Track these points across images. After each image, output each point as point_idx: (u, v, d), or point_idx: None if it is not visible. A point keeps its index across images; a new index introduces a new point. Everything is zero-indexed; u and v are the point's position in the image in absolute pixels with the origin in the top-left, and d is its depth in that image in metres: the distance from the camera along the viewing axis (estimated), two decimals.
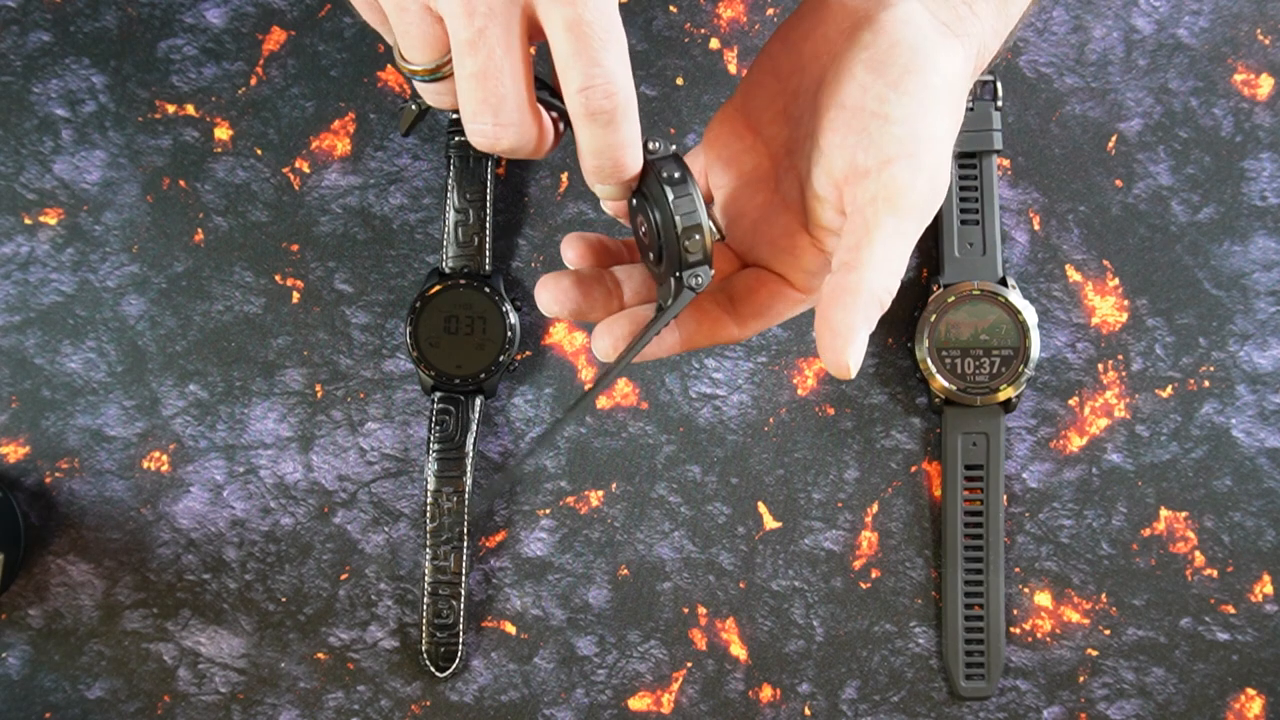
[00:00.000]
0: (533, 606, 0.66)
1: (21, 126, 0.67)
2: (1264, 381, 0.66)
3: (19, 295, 0.67)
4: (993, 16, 0.45)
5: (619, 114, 0.40)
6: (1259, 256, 0.66)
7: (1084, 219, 0.66)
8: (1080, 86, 0.66)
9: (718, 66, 0.67)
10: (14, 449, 0.67)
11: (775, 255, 0.47)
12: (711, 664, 0.66)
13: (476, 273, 0.65)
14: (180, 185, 0.67)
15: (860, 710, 0.66)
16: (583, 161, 0.42)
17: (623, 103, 0.40)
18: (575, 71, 0.40)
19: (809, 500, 0.66)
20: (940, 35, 0.44)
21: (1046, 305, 0.66)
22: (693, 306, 0.47)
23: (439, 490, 0.65)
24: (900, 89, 0.43)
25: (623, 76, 0.40)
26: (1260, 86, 0.66)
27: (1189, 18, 0.66)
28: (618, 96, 0.40)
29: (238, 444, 0.67)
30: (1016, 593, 0.66)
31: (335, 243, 0.67)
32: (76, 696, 0.66)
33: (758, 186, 0.48)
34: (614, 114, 0.40)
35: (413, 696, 0.66)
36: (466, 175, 0.65)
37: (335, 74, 0.67)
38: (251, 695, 0.66)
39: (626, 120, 0.41)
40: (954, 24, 0.44)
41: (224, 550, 0.67)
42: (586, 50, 0.39)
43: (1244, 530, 0.66)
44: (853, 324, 0.43)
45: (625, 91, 0.40)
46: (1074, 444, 0.66)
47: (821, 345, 0.43)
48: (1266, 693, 0.66)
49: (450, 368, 0.65)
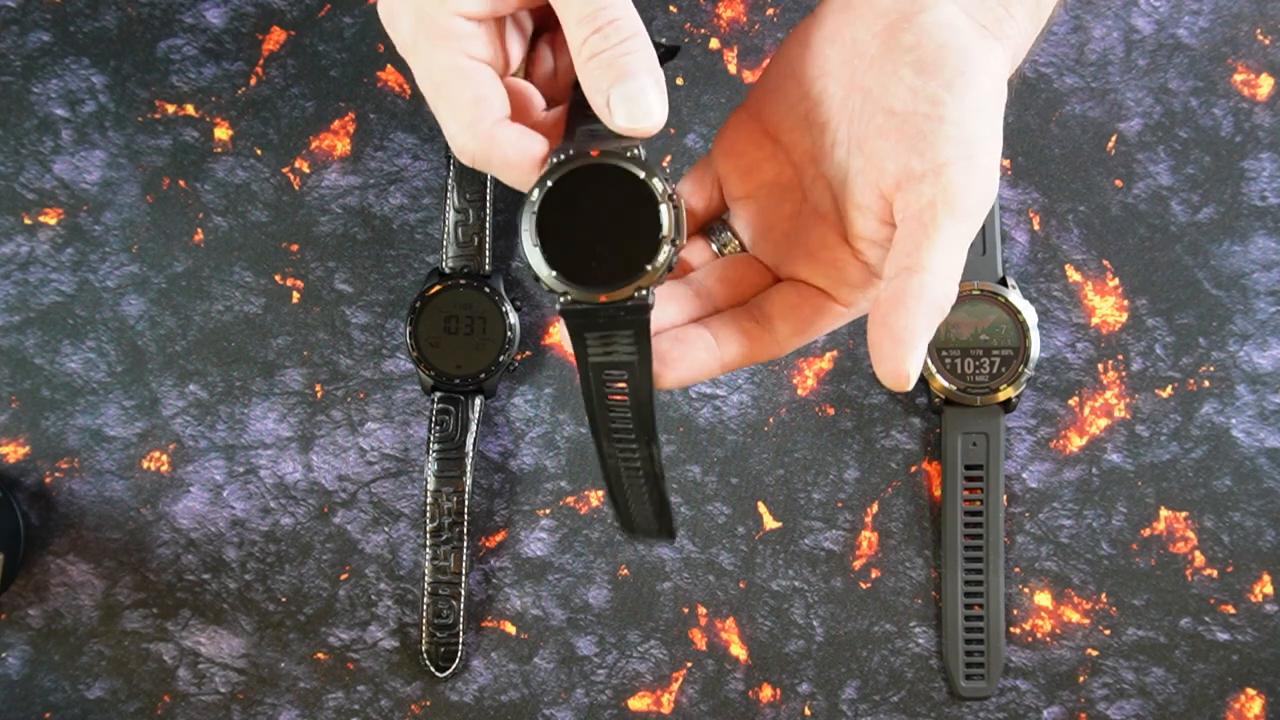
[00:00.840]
0: (533, 606, 0.67)
1: (21, 126, 0.67)
2: (1264, 381, 0.66)
3: (19, 295, 0.67)
4: (1027, 19, 0.45)
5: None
6: (1259, 256, 0.66)
7: (1084, 219, 0.66)
8: (1080, 86, 0.66)
9: (718, 66, 0.67)
10: (14, 449, 0.67)
11: (815, 268, 0.45)
12: (711, 664, 0.66)
13: (476, 273, 0.65)
14: (180, 185, 0.67)
15: (860, 710, 0.66)
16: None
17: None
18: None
19: (809, 500, 0.66)
20: (982, 37, 0.43)
21: (1046, 305, 0.66)
22: (733, 327, 0.45)
23: (439, 490, 0.65)
24: (954, 91, 0.42)
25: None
26: (1260, 86, 0.66)
27: (1189, 18, 0.66)
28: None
29: (238, 444, 0.67)
30: (1016, 593, 0.66)
31: (335, 243, 0.67)
32: (76, 696, 0.66)
33: (783, 196, 0.46)
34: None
35: (413, 696, 0.66)
36: (466, 175, 0.65)
37: (335, 74, 0.67)
38: (251, 695, 0.66)
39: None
40: (993, 26, 0.44)
41: (224, 550, 0.67)
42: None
43: (1244, 530, 0.66)
44: (915, 329, 0.41)
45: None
46: (1074, 444, 0.66)
47: (879, 354, 0.41)
48: (1266, 693, 0.66)
49: (450, 368, 0.65)
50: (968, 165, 0.41)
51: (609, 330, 0.41)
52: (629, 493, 0.45)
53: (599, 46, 0.41)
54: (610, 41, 0.41)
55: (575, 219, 0.41)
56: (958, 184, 0.41)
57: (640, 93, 0.41)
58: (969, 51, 0.42)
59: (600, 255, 0.41)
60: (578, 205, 0.41)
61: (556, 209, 0.41)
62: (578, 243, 0.41)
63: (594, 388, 0.42)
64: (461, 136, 0.42)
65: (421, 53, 0.42)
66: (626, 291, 0.40)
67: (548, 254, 0.41)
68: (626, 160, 0.41)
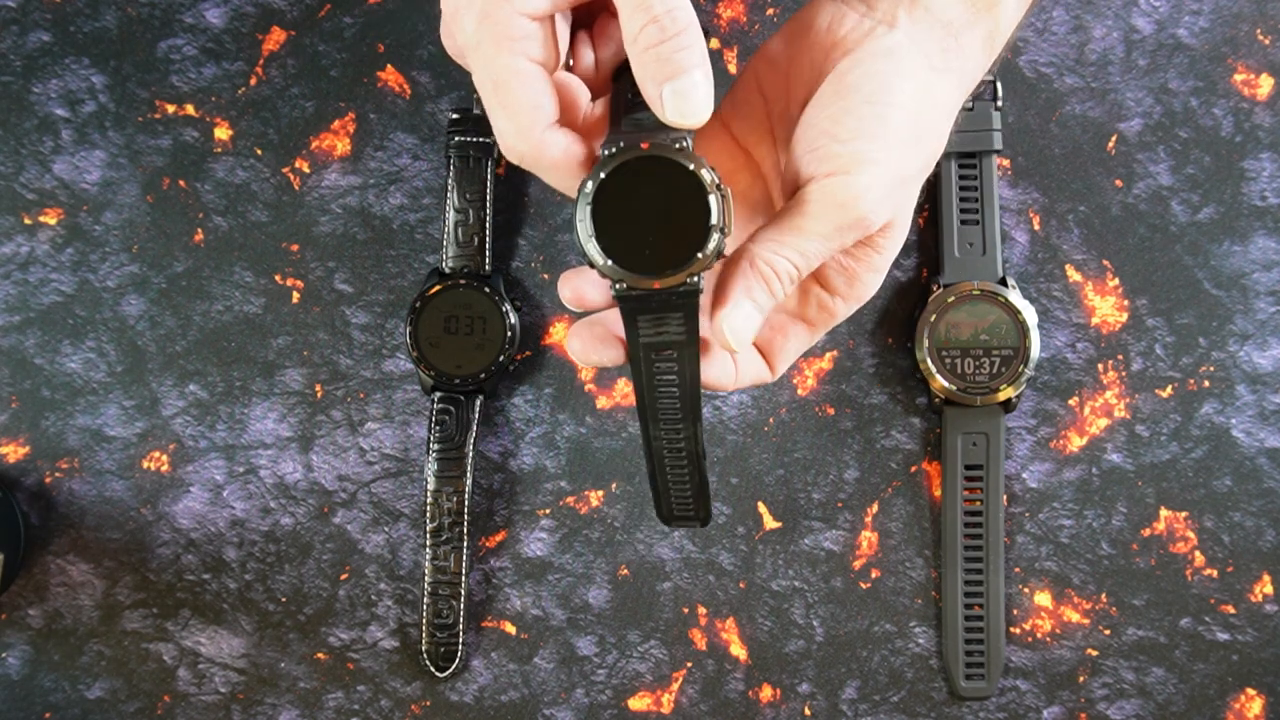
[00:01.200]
0: (533, 606, 0.67)
1: (21, 126, 0.67)
2: (1264, 381, 0.66)
3: (19, 295, 0.67)
4: (979, 51, 0.46)
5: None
6: (1259, 256, 0.66)
7: (1084, 219, 0.66)
8: (1080, 86, 0.66)
9: (718, 66, 0.67)
10: (14, 449, 0.67)
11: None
12: (711, 664, 0.66)
13: (476, 273, 0.65)
14: (180, 185, 0.67)
15: (860, 710, 0.66)
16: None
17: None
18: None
19: (809, 500, 0.66)
20: (922, 70, 0.45)
21: (1046, 305, 0.66)
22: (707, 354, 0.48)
23: (439, 490, 0.65)
24: (855, 114, 0.44)
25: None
26: (1260, 86, 0.66)
27: (1189, 18, 0.66)
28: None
29: (238, 444, 0.67)
30: (1016, 593, 0.66)
31: (335, 243, 0.67)
32: (76, 696, 0.66)
33: (755, 209, 0.49)
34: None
35: (413, 696, 0.66)
36: (466, 175, 0.65)
37: (335, 74, 0.67)
38: (251, 695, 0.66)
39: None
40: (937, 57, 0.45)
41: (224, 550, 0.67)
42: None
43: (1244, 530, 0.66)
44: (734, 293, 0.44)
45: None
46: (1074, 444, 0.66)
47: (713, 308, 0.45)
48: (1266, 693, 0.66)
49: (450, 368, 0.65)
50: (844, 179, 0.43)
51: (662, 313, 0.44)
52: (670, 474, 0.47)
53: (655, 38, 0.42)
54: (666, 34, 0.42)
55: (628, 209, 0.43)
56: (832, 190, 0.43)
57: (692, 88, 0.42)
58: (890, 83, 0.44)
59: (653, 243, 0.43)
60: (630, 196, 0.43)
61: (610, 200, 0.43)
62: (631, 232, 0.43)
63: (644, 368, 0.45)
64: (513, 138, 0.43)
65: (484, 52, 0.43)
66: (679, 278, 0.43)
67: (603, 243, 0.43)
68: (676, 152, 0.43)
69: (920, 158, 0.45)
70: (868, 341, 0.67)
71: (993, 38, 0.46)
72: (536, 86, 0.43)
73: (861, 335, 0.66)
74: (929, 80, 0.45)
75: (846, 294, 0.47)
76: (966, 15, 0.45)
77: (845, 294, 0.47)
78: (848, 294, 0.47)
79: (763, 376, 0.49)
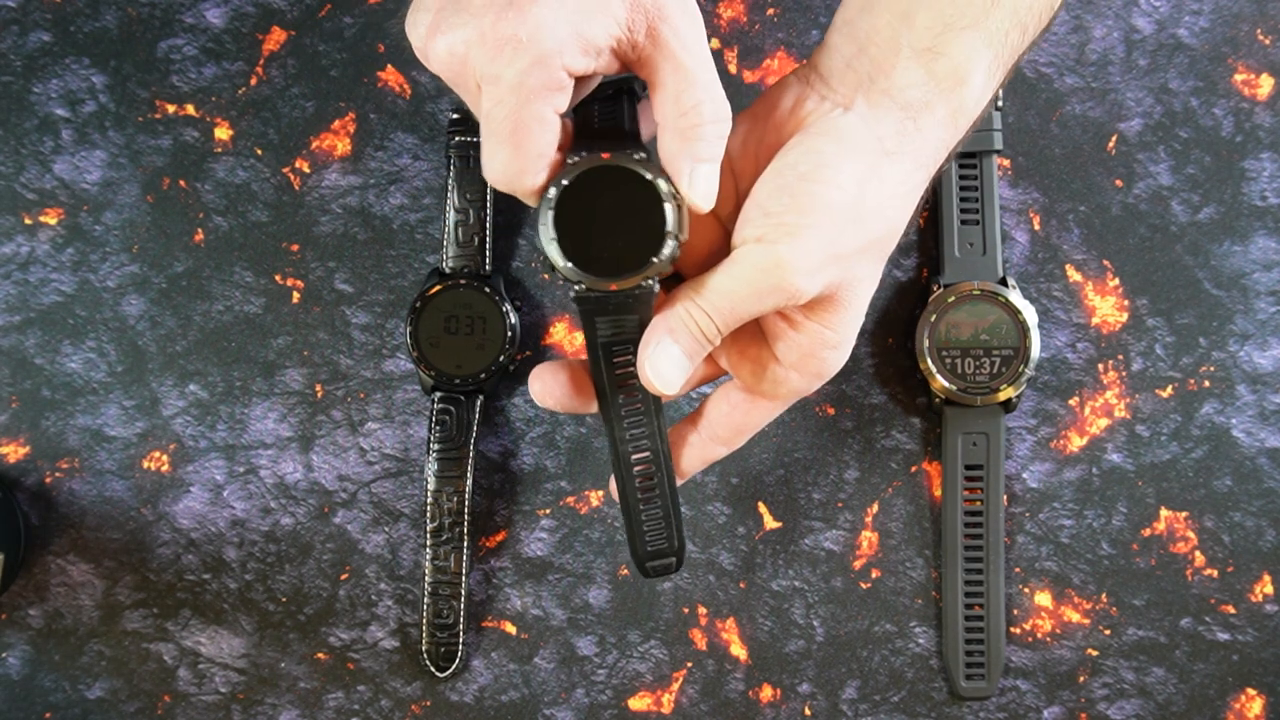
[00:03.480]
0: (533, 606, 0.67)
1: (21, 126, 0.67)
2: (1264, 381, 0.66)
3: (19, 295, 0.67)
4: (939, 129, 0.46)
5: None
6: (1259, 256, 0.66)
7: (1084, 219, 0.66)
8: (1080, 86, 0.66)
9: (718, 66, 0.67)
10: (14, 449, 0.67)
11: (739, 361, 0.49)
12: (711, 664, 0.66)
13: (476, 273, 0.65)
14: (180, 185, 0.67)
15: (860, 710, 0.66)
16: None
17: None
18: None
19: (809, 500, 0.66)
20: (870, 153, 0.46)
21: (1046, 305, 0.66)
22: (674, 432, 0.51)
23: (439, 490, 0.65)
24: (789, 190, 0.45)
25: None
26: (1260, 86, 0.66)
27: (1189, 18, 0.66)
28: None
29: (238, 444, 0.67)
30: (1016, 593, 0.66)
31: (335, 243, 0.67)
32: (76, 696, 0.66)
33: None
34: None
35: (413, 696, 0.66)
36: (466, 175, 0.65)
37: (335, 74, 0.67)
38: (251, 695, 0.66)
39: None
40: (891, 140, 0.46)
41: (224, 550, 0.67)
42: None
43: (1244, 530, 0.66)
44: (655, 331, 0.47)
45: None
46: (1074, 444, 0.66)
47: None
48: (1266, 693, 0.66)
49: (450, 368, 0.65)
50: (761, 247, 0.45)
51: (619, 314, 0.47)
52: (638, 484, 0.49)
53: (699, 119, 0.45)
54: (708, 119, 0.45)
55: (588, 215, 0.45)
56: (753, 256, 0.45)
57: (714, 174, 0.45)
58: (830, 164, 0.45)
59: (611, 248, 0.45)
60: (590, 203, 0.45)
61: (571, 206, 0.45)
62: (591, 236, 0.45)
63: (603, 364, 0.48)
64: (508, 173, 0.45)
65: (519, 94, 0.43)
66: (635, 281, 0.46)
67: (564, 247, 0.45)
68: (634, 162, 0.45)
69: (860, 237, 0.46)
70: (868, 341, 0.67)
71: (956, 116, 0.46)
72: (551, 137, 0.44)
73: (862, 335, 0.66)
74: (877, 162, 0.46)
75: (801, 369, 0.48)
76: (928, 96, 0.46)
77: (800, 368, 0.48)
78: (803, 369, 0.48)
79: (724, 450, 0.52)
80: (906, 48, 0.46)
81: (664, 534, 0.50)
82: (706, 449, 0.51)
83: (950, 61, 0.46)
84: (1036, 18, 0.47)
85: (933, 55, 0.45)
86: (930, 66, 0.46)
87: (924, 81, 0.46)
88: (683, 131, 0.45)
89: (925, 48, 0.45)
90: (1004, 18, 0.46)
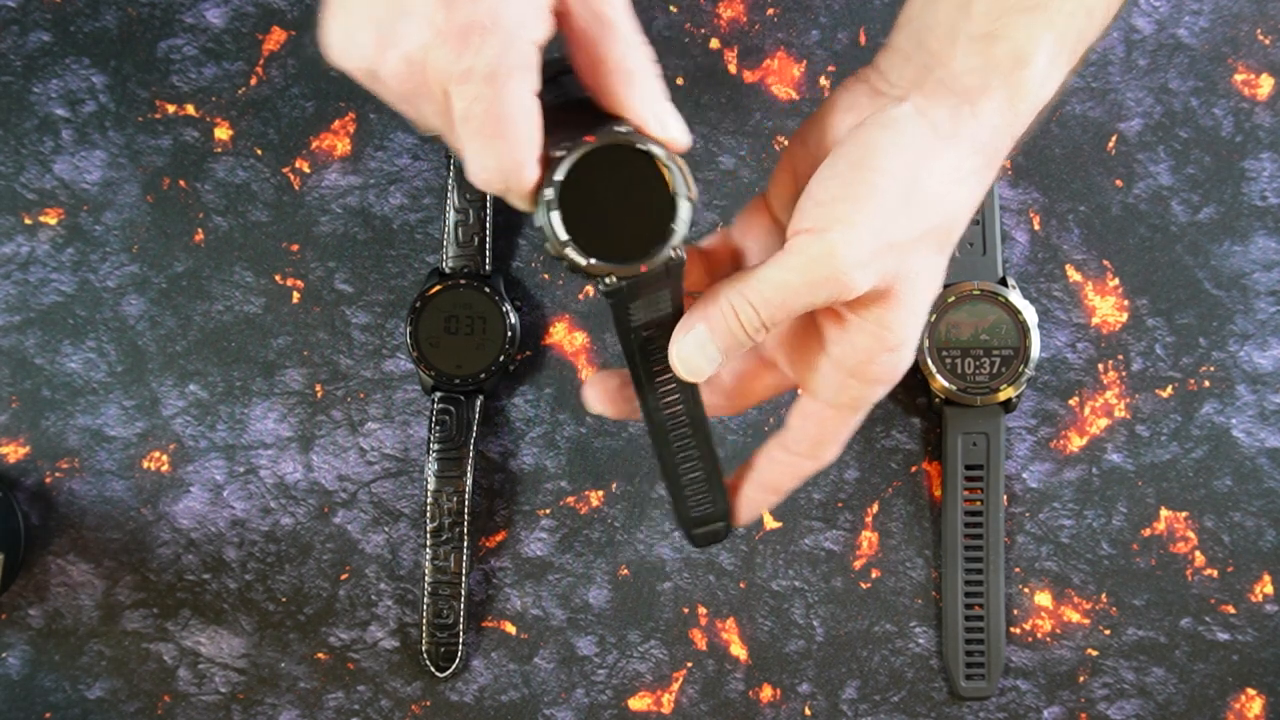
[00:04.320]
0: (533, 606, 0.67)
1: (21, 126, 0.67)
2: (1264, 381, 0.66)
3: (19, 295, 0.67)
4: (997, 114, 0.45)
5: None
6: (1259, 256, 0.66)
7: (1084, 219, 0.66)
8: (1080, 86, 0.66)
9: (718, 67, 0.67)
10: (14, 449, 0.67)
11: (802, 369, 0.48)
12: (711, 664, 0.66)
13: (476, 273, 0.65)
14: (180, 185, 0.67)
15: (860, 710, 0.66)
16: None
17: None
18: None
19: (809, 500, 0.66)
20: (924, 139, 0.44)
21: (1046, 305, 0.66)
22: (765, 457, 0.49)
23: (439, 490, 0.65)
24: (839, 179, 0.44)
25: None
26: (1260, 86, 0.66)
27: (1189, 18, 0.66)
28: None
29: (238, 444, 0.67)
30: (1016, 593, 0.66)
31: (335, 243, 0.67)
32: (76, 696, 0.66)
33: None
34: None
35: (413, 696, 0.66)
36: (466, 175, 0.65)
37: (335, 74, 0.67)
38: (251, 695, 0.66)
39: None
40: (945, 125, 0.44)
41: (224, 550, 0.67)
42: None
43: (1244, 530, 0.66)
44: (688, 319, 0.45)
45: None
46: (1074, 444, 0.66)
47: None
48: (1266, 693, 0.66)
49: (450, 368, 0.65)
50: (812, 237, 0.44)
51: (652, 294, 0.44)
52: (677, 451, 0.47)
53: (634, 67, 0.43)
54: (650, 63, 0.43)
55: (594, 204, 0.42)
56: (800, 245, 0.44)
57: (674, 111, 0.44)
58: (881, 151, 0.44)
59: (628, 229, 0.43)
60: (591, 191, 0.42)
61: (574, 201, 0.42)
62: (601, 224, 0.43)
63: (637, 350, 0.45)
64: (504, 170, 0.42)
65: (499, 83, 0.41)
66: (662, 256, 0.43)
67: (581, 245, 0.42)
68: (622, 136, 0.42)
69: (916, 224, 0.44)
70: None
71: (1014, 100, 0.45)
72: (537, 119, 0.42)
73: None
74: (932, 148, 0.44)
75: (860, 375, 0.46)
76: (985, 80, 0.44)
77: (859, 375, 0.46)
78: (861, 375, 0.46)
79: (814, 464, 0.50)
80: (964, 36, 0.44)
81: (708, 496, 0.48)
82: (794, 464, 0.49)
83: (1009, 44, 0.44)
84: (1105, 2, 0.45)
85: (990, 40, 0.44)
86: (987, 51, 0.44)
87: (981, 67, 0.44)
88: (629, 78, 0.43)
89: (983, 33, 0.44)
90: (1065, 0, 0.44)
